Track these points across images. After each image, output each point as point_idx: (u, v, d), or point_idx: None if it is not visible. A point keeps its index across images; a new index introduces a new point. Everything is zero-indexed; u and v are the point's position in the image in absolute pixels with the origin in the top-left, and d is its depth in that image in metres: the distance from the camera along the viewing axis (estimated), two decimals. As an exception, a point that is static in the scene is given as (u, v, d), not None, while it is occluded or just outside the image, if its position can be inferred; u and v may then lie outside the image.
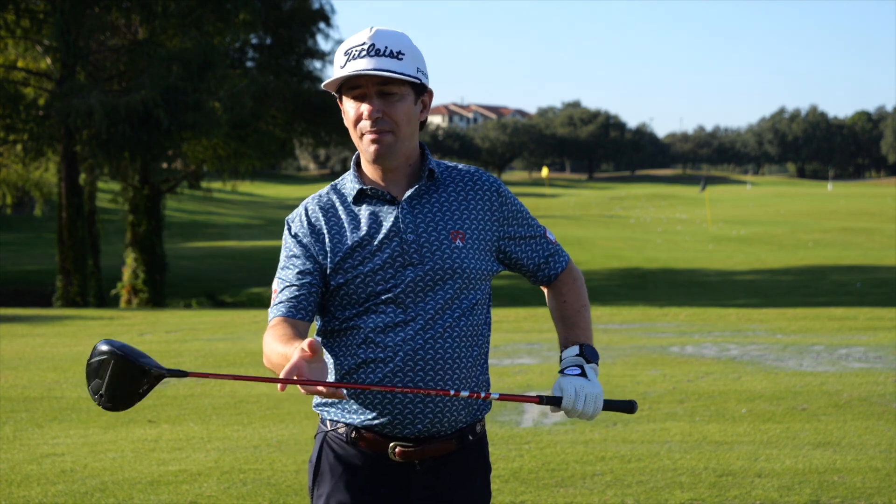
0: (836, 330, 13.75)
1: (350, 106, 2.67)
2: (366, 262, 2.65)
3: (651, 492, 5.84)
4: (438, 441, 2.66)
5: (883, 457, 6.54)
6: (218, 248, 45.30)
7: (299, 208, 2.77)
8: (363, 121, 2.64)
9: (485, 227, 2.73)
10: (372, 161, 2.69)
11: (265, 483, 6.14)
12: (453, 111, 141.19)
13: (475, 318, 2.69)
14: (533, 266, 2.85)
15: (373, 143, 2.65)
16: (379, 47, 2.61)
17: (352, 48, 2.62)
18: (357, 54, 2.60)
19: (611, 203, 77.19)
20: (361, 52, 2.60)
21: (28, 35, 25.84)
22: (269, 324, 2.69)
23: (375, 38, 2.62)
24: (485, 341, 2.75)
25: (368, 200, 2.72)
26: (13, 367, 11.39)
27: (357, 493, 2.66)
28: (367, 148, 2.66)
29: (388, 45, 2.61)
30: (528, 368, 10.46)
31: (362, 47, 2.61)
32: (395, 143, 2.65)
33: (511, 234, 2.79)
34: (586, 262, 38.66)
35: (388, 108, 2.63)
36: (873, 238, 46.08)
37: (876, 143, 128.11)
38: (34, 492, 6.08)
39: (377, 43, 2.61)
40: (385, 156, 2.66)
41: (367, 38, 2.62)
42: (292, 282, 2.68)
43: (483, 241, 2.73)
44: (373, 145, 2.65)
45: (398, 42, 2.63)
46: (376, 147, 2.65)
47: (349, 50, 2.62)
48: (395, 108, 2.64)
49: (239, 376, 2.42)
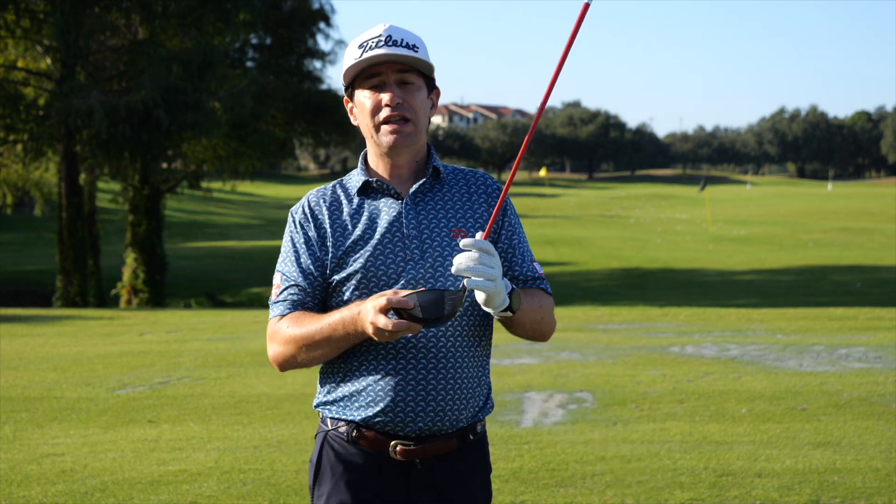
0: (836, 330, 13.75)
1: (366, 96, 2.66)
2: (367, 255, 2.64)
3: (651, 492, 5.84)
4: (440, 440, 2.66)
5: (883, 457, 6.54)
6: (218, 248, 45.31)
7: (303, 200, 2.76)
8: (383, 108, 2.64)
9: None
10: (387, 151, 2.68)
11: (265, 483, 6.14)
12: (453, 111, 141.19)
13: (476, 316, 2.69)
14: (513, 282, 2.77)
15: (391, 133, 2.65)
16: (395, 38, 2.63)
17: (367, 40, 2.63)
18: (374, 45, 2.62)
19: (611, 203, 77.19)
20: (378, 43, 2.62)
21: (28, 35, 25.84)
22: (275, 318, 2.68)
23: (391, 31, 2.64)
24: (487, 341, 2.75)
25: (373, 194, 2.72)
26: (13, 367, 11.39)
27: (358, 492, 2.66)
28: (384, 138, 2.66)
29: (403, 38, 2.64)
30: (529, 368, 10.46)
31: (378, 38, 2.63)
32: (413, 134, 2.66)
33: (503, 248, 2.76)
34: (586, 262, 38.66)
35: (407, 97, 2.65)
36: (873, 238, 46.09)
37: (876, 143, 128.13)
38: (34, 492, 6.07)
39: (393, 35, 2.64)
40: (402, 145, 2.66)
41: (383, 31, 2.64)
42: (296, 280, 2.68)
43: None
44: (391, 135, 2.65)
45: (412, 37, 2.67)
46: (395, 137, 2.65)
47: (364, 42, 2.63)
48: (414, 97, 2.65)
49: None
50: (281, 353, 2.65)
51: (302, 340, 2.60)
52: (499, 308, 2.54)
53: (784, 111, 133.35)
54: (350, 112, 2.76)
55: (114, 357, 12.16)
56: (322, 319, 2.58)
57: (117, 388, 9.82)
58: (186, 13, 26.67)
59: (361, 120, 2.70)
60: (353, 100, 2.72)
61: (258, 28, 29.21)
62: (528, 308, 2.67)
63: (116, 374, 10.74)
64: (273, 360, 2.69)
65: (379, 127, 2.66)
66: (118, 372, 10.86)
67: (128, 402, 9.04)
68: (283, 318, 2.66)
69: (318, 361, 2.65)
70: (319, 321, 2.58)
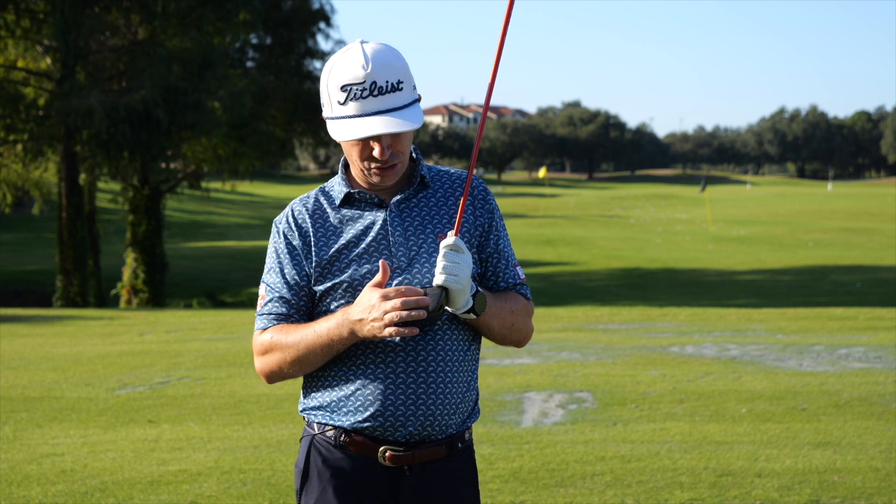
0: (836, 330, 13.75)
1: (353, 145, 2.60)
2: (352, 266, 2.61)
3: (651, 492, 5.83)
4: (429, 446, 2.63)
5: (883, 457, 6.54)
6: (218, 248, 45.31)
7: (286, 209, 2.72)
8: (373, 160, 2.59)
9: (471, 230, 2.69)
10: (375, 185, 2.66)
11: (265, 483, 6.14)
12: (453, 111, 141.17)
13: (465, 321, 2.66)
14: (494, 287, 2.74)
15: (379, 175, 2.61)
16: (381, 84, 2.51)
17: (349, 85, 2.51)
18: (360, 94, 2.51)
19: (611, 203, 77.19)
20: (364, 93, 2.51)
21: (28, 35, 25.83)
22: (259, 331, 2.65)
23: (374, 74, 2.50)
24: (476, 346, 2.72)
25: (356, 204, 2.68)
26: (13, 367, 11.39)
27: (346, 497, 2.63)
28: (373, 177, 2.62)
29: (387, 79, 2.52)
30: (528, 368, 10.46)
31: (363, 87, 2.50)
32: (401, 170, 2.63)
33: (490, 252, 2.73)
34: (586, 262, 38.67)
35: (396, 145, 2.59)
36: (873, 238, 46.10)
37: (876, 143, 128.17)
38: (34, 492, 6.07)
39: (377, 80, 2.50)
40: (390, 182, 2.64)
41: (365, 76, 2.50)
42: (280, 292, 2.64)
43: (468, 244, 2.68)
44: (379, 177, 2.61)
45: (392, 68, 2.53)
46: (382, 178, 2.62)
47: (347, 86, 2.51)
48: (403, 142, 2.60)
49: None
50: (267, 365, 2.63)
51: (287, 351, 2.58)
52: (461, 309, 2.54)
53: (784, 111, 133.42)
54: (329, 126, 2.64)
55: (114, 357, 12.16)
56: (307, 328, 2.57)
57: (117, 388, 9.82)
58: (186, 13, 26.66)
59: (345, 149, 2.65)
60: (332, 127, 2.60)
61: (258, 28, 29.19)
62: (497, 312, 2.65)
63: (116, 374, 10.73)
64: (260, 373, 2.67)
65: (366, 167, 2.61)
66: (118, 372, 10.86)
67: (128, 402, 9.04)
68: (266, 331, 2.63)
69: (304, 371, 2.62)
70: (304, 330, 2.57)
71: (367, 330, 2.48)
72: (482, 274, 2.73)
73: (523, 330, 2.74)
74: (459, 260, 2.49)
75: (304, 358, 2.57)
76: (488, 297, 2.63)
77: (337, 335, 2.52)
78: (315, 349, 2.55)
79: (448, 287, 2.48)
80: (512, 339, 2.73)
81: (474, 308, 2.56)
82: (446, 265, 2.49)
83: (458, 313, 2.56)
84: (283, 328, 2.61)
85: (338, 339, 2.52)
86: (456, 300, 2.51)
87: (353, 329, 2.50)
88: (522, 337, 2.75)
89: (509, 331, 2.71)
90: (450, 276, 2.48)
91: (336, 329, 2.52)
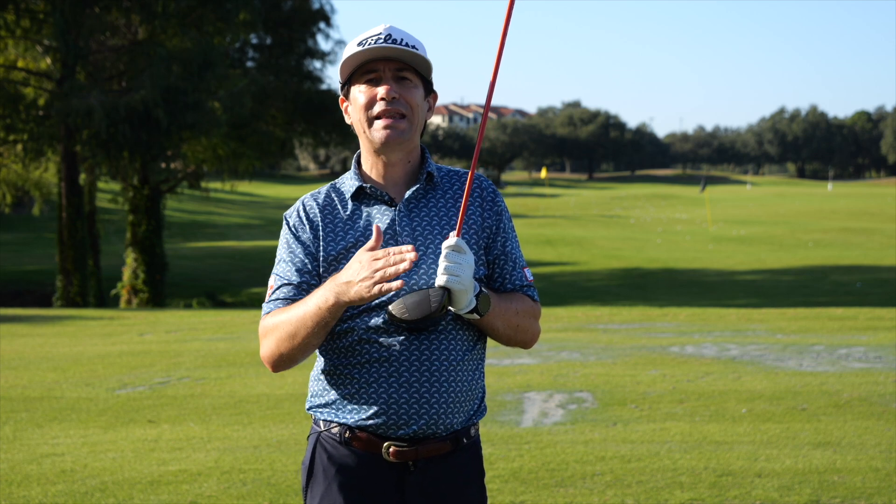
0: (836, 330, 13.75)
1: (362, 90, 2.64)
2: None
3: (651, 492, 5.83)
4: (433, 442, 2.64)
5: (883, 457, 6.53)
6: (218, 248, 45.31)
7: (297, 203, 2.74)
8: (378, 102, 2.62)
9: (478, 231, 2.70)
10: (380, 147, 2.65)
11: (265, 483, 6.14)
12: (453, 111, 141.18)
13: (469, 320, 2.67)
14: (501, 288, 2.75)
15: (385, 129, 2.62)
16: (395, 38, 2.62)
17: (367, 38, 2.62)
18: (373, 42, 2.61)
19: (611, 203, 77.20)
20: (378, 41, 2.61)
21: (28, 35, 25.83)
22: (266, 315, 2.66)
23: (391, 31, 2.63)
24: (482, 344, 2.73)
25: (367, 200, 2.69)
26: (13, 367, 11.39)
27: (351, 494, 2.64)
28: (376, 133, 2.63)
29: (403, 38, 2.63)
30: (528, 368, 10.46)
31: (378, 36, 2.62)
32: (407, 130, 2.63)
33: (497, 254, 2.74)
34: (586, 262, 38.67)
35: (403, 92, 2.63)
36: (873, 238, 46.11)
37: (876, 143, 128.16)
38: (34, 492, 6.07)
39: (393, 34, 2.62)
40: (395, 141, 2.63)
41: (383, 30, 2.63)
42: (290, 279, 2.65)
43: (475, 245, 2.69)
44: (385, 130, 2.62)
45: (412, 38, 2.66)
46: (388, 132, 2.62)
47: (364, 40, 2.62)
48: (411, 93, 2.63)
49: None
50: (268, 348, 2.62)
51: (282, 327, 2.57)
52: (464, 309, 2.54)
53: (784, 111, 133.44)
54: (345, 111, 2.73)
55: (114, 357, 12.16)
56: (300, 302, 2.57)
57: (117, 388, 9.82)
58: (186, 13, 26.66)
59: (355, 115, 2.68)
60: (349, 97, 2.70)
61: (258, 28, 29.19)
62: (501, 313, 2.65)
63: (116, 374, 10.73)
64: (263, 359, 2.66)
65: (372, 122, 2.63)
66: (118, 372, 10.86)
67: (128, 402, 9.04)
68: (269, 315, 2.64)
69: (300, 350, 2.58)
70: (297, 305, 2.56)
71: (355, 292, 2.45)
72: (489, 276, 2.73)
73: (529, 331, 2.74)
74: (461, 260, 2.50)
75: (295, 332, 2.55)
76: (493, 297, 2.63)
77: (323, 300, 2.50)
78: (305, 320, 2.53)
79: (450, 287, 2.49)
80: (517, 340, 2.73)
81: (478, 308, 2.56)
82: (448, 266, 2.49)
83: (461, 313, 2.56)
84: (282, 308, 2.61)
85: (324, 305, 2.50)
86: (458, 300, 2.52)
87: (338, 293, 2.47)
88: (528, 338, 2.75)
89: (514, 332, 2.71)
90: (451, 277, 2.48)
91: (322, 294, 2.51)
